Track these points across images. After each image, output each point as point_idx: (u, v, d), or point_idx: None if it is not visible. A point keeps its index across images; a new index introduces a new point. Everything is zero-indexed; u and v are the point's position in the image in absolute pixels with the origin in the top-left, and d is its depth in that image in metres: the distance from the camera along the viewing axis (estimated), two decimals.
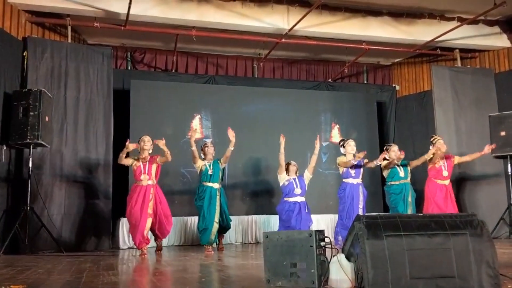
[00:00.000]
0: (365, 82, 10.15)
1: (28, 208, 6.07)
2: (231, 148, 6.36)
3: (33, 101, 6.07)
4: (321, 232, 2.90)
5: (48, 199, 6.61)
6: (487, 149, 6.88)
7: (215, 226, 6.23)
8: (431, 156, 6.76)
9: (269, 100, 8.85)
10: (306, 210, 6.50)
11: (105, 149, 7.17)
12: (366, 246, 2.52)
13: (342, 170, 6.65)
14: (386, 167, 6.84)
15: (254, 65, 9.48)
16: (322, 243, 2.87)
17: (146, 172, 6.01)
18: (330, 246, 2.87)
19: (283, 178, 6.57)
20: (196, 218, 7.85)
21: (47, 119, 6.24)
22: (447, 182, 6.94)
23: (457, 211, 6.90)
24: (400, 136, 9.57)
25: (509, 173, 7.76)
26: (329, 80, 9.80)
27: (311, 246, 2.81)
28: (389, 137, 9.69)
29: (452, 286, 2.47)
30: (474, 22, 7.88)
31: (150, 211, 5.91)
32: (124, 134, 7.74)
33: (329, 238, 2.94)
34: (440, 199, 6.81)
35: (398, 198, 6.72)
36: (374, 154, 8.80)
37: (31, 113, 6.04)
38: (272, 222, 8.26)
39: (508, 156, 7.70)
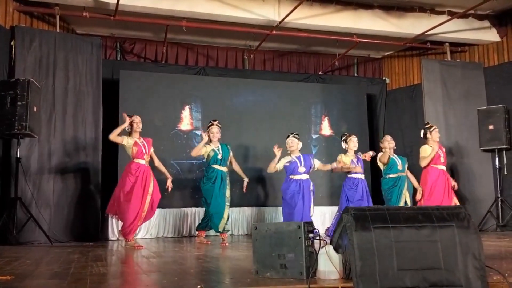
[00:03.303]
0: (356, 75, 10.17)
1: (16, 199, 6.02)
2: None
3: (21, 91, 6.00)
4: (309, 224, 2.92)
5: (36, 190, 6.55)
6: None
7: (227, 208, 6.18)
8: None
9: (259, 92, 8.84)
10: (311, 188, 6.37)
11: (94, 140, 7.12)
12: (354, 237, 2.54)
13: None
14: (382, 160, 6.98)
15: (245, 56, 9.44)
16: (311, 235, 2.88)
17: (147, 152, 5.90)
18: (318, 238, 2.89)
19: (283, 161, 6.42)
20: (188, 209, 7.88)
21: (35, 109, 6.18)
22: (444, 168, 7.01)
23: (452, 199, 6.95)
24: (390, 129, 9.61)
25: (497, 167, 7.85)
26: (320, 73, 9.80)
27: (299, 237, 2.83)
28: (378, 129, 9.74)
29: (438, 278, 2.49)
30: (464, 16, 7.92)
31: (150, 191, 5.76)
32: (113, 124, 7.69)
33: (318, 230, 2.95)
34: (441, 186, 6.86)
35: (394, 190, 6.79)
36: (363, 146, 8.84)
37: (19, 103, 5.96)
38: (263, 213, 8.29)
39: (496, 150, 7.79)
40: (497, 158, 7.83)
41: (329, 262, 2.74)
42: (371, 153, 6.71)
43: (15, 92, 5.99)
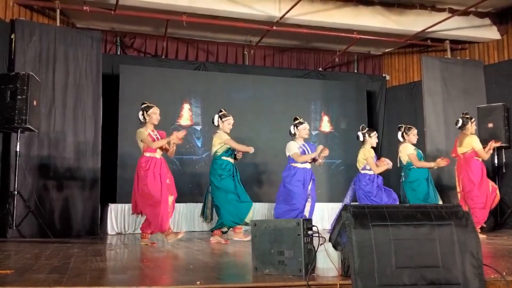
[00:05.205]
0: (356, 71, 10.16)
1: (16, 192, 6.03)
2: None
3: (21, 85, 5.98)
4: (308, 221, 2.93)
5: (36, 184, 6.56)
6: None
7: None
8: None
9: (259, 88, 8.84)
10: (313, 177, 6.11)
11: (93, 134, 7.12)
12: (352, 235, 2.54)
13: (364, 162, 6.40)
14: (411, 154, 6.54)
15: (245, 52, 9.44)
16: (310, 232, 2.89)
17: None
18: (317, 235, 2.90)
19: (296, 147, 6.07)
20: (188, 204, 7.85)
21: (35, 103, 6.17)
22: None
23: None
24: (389, 126, 9.63)
25: (496, 165, 7.86)
26: (320, 69, 9.80)
27: (298, 234, 2.84)
28: (378, 126, 9.74)
29: (436, 276, 2.50)
30: (465, 13, 7.91)
31: (167, 181, 5.43)
32: (113, 119, 7.71)
33: (317, 227, 2.97)
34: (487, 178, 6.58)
35: (427, 183, 6.48)
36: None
37: (19, 97, 5.95)
38: (260, 209, 8.30)
39: (495, 148, 7.79)
40: (496, 156, 7.84)
41: (327, 259, 2.76)
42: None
43: (15, 86, 5.98)
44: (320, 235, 2.88)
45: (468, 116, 6.63)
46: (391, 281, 2.47)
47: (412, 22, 8.07)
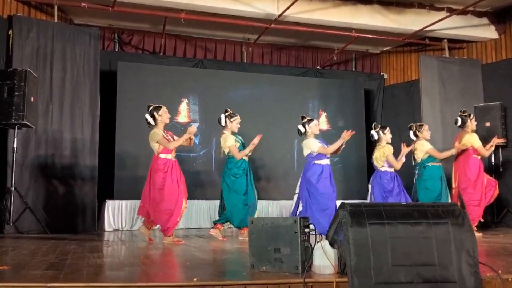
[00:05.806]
0: (354, 70, 10.17)
1: (13, 189, 6.02)
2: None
3: (18, 81, 5.97)
4: (305, 218, 2.94)
5: (33, 180, 6.56)
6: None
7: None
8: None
9: (257, 86, 8.84)
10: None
11: (91, 131, 7.12)
12: (349, 233, 2.56)
13: (384, 160, 6.26)
14: (433, 150, 6.42)
15: (243, 50, 9.42)
16: (306, 230, 2.90)
17: None
18: (314, 233, 2.91)
19: (315, 142, 5.89)
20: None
21: (32, 99, 6.16)
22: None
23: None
24: (387, 124, 9.53)
25: (493, 164, 7.89)
26: (318, 67, 9.81)
27: (295, 232, 2.85)
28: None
29: (432, 274, 2.52)
30: (463, 13, 7.93)
31: (182, 187, 5.28)
32: (110, 115, 7.70)
33: (313, 224, 2.97)
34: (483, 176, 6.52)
35: (440, 182, 6.38)
36: (360, 141, 8.89)
37: (16, 93, 5.94)
38: (260, 207, 8.29)
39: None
40: (493, 155, 7.86)
41: (324, 257, 2.77)
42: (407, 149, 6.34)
43: (12, 82, 5.96)
44: (317, 233, 2.89)
45: (466, 113, 6.60)
46: (388, 279, 2.48)
47: (410, 21, 8.08)
